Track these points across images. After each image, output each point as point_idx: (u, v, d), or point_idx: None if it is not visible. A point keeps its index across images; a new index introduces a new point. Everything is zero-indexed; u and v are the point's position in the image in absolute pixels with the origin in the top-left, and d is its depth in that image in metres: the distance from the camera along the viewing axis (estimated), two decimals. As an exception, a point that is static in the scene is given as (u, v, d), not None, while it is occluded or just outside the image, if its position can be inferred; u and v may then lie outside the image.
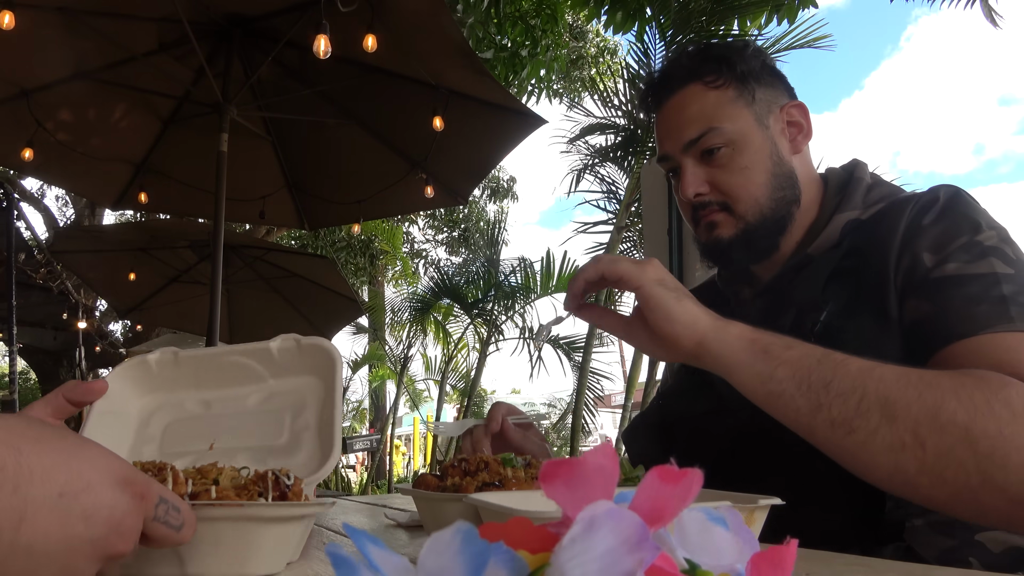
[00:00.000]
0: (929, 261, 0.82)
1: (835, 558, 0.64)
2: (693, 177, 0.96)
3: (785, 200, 0.96)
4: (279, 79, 3.45)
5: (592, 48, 10.24)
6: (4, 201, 5.89)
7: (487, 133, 3.50)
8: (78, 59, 3.16)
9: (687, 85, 0.98)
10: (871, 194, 0.95)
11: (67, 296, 8.04)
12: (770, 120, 0.97)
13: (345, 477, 9.95)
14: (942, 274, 0.80)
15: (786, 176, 0.96)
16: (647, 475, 0.24)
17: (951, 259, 0.80)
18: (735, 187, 0.95)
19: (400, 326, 9.24)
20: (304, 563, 0.71)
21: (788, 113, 0.99)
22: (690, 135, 0.95)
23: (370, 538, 0.24)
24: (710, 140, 0.94)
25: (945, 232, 0.83)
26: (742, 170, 0.94)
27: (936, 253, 0.82)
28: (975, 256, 0.80)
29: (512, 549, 0.23)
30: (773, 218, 0.95)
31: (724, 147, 0.94)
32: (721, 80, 0.96)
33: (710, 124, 0.94)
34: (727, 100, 0.96)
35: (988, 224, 0.84)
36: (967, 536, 0.81)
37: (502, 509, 0.58)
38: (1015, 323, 0.74)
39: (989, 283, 0.77)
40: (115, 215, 9.92)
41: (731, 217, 0.96)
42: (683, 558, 0.24)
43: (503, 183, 13.30)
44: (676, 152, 0.98)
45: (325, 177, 4.11)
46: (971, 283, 0.78)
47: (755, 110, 0.96)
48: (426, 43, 3.04)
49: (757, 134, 0.95)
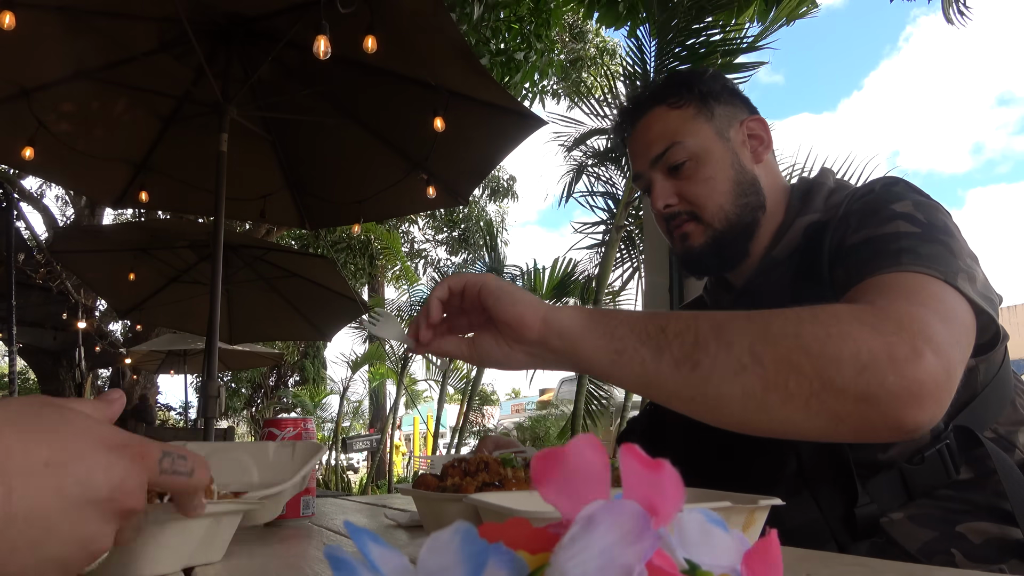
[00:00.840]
0: (849, 239, 0.87)
1: (835, 558, 0.64)
2: (662, 190, 1.04)
3: (750, 206, 1.02)
4: (279, 79, 3.45)
5: (591, 49, 10.25)
6: (4, 201, 5.89)
7: (487, 134, 3.50)
8: (78, 58, 3.16)
9: (653, 108, 1.06)
10: (832, 197, 1.00)
11: (67, 296, 8.04)
12: (730, 133, 1.04)
13: (345, 477, 9.95)
14: (854, 240, 0.86)
15: (749, 183, 1.02)
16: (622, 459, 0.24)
17: (863, 228, 0.86)
18: (701, 196, 1.01)
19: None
20: (304, 563, 0.71)
21: (748, 127, 1.06)
22: (656, 151, 1.04)
23: (371, 536, 0.24)
24: (674, 154, 1.02)
25: (864, 209, 0.89)
26: (706, 180, 1.01)
27: (856, 230, 0.87)
28: (884, 221, 0.85)
29: (511, 549, 0.23)
30: (740, 224, 1.01)
31: (688, 160, 1.02)
32: (682, 101, 1.05)
33: (673, 139, 1.02)
34: (688, 117, 1.04)
35: (908, 198, 0.88)
36: (947, 528, 0.83)
37: (502, 509, 0.58)
38: (901, 265, 0.77)
39: (890, 239, 0.81)
40: (115, 215, 9.93)
41: (700, 225, 1.03)
42: (683, 558, 0.24)
43: (503, 183, 13.31)
44: (646, 169, 1.06)
45: (325, 177, 4.11)
46: (876, 242, 0.82)
47: (715, 124, 1.04)
48: (426, 43, 3.04)
49: (718, 146, 1.03)
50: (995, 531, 0.83)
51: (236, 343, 6.55)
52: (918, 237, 0.80)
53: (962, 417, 0.87)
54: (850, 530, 0.85)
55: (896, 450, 0.87)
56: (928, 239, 0.80)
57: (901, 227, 0.83)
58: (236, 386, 14.83)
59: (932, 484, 0.86)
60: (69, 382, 8.91)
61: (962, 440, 0.86)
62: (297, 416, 1.10)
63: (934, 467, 0.86)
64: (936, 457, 0.86)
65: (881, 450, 0.87)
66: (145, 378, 10.12)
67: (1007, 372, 0.92)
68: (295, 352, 14.04)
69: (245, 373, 13.88)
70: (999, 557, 0.82)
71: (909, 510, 0.85)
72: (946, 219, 0.86)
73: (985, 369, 0.90)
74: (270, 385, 14.28)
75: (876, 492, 0.86)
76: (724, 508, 0.59)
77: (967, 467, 0.87)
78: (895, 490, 0.86)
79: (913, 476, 0.86)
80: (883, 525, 0.85)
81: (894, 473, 0.87)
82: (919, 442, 0.86)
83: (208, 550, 0.66)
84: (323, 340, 10.72)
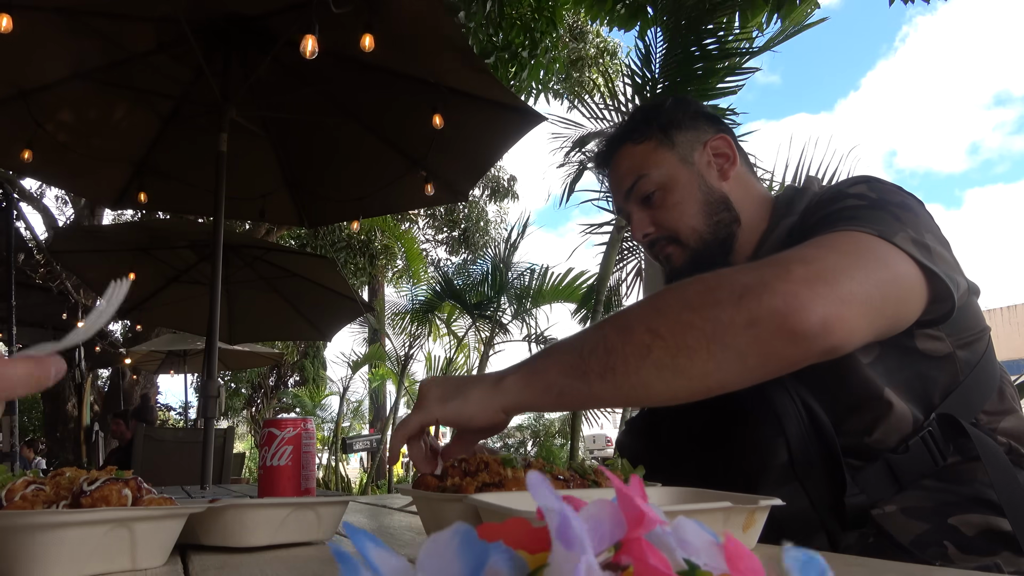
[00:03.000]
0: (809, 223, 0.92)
1: (835, 558, 0.64)
2: (639, 221, 1.11)
3: (723, 222, 1.07)
4: (278, 78, 3.45)
5: (592, 49, 10.25)
6: (4, 201, 5.89)
7: (486, 130, 3.50)
8: (77, 59, 3.16)
9: (620, 147, 1.15)
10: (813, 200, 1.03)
11: (67, 296, 8.03)
12: (694, 157, 1.10)
13: (345, 477, 9.95)
14: (809, 223, 0.91)
15: (718, 202, 1.08)
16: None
17: (819, 210, 0.92)
18: (673, 221, 1.08)
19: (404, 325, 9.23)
20: (304, 563, 0.71)
21: (712, 147, 1.11)
22: (626, 185, 1.12)
23: (370, 537, 0.24)
24: (642, 186, 1.10)
25: (824, 195, 0.95)
26: (675, 206, 1.08)
27: (815, 214, 0.93)
28: (838, 199, 0.90)
29: (511, 549, 0.23)
30: (715, 240, 1.07)
31: (657, 190, 1.09)
32: (643, 136, 1.12)
33: (639, 172, 1.10)
34: (650, 150, 1.11)
35: (868, 184, 0.92)
36: (940, 521, 0.84)
37: (502, 510, 0.58)
38: (834, 227, 0.81)
39: (836, 213, 0.87)
40: (114, 215, 9.93)
41: (679, 247, 1.10)
42: (682, 559, 0.24)
43: (503, 182, 13.30)
44: (622, 203, 1.14)
45: (325, 175, 4.11)
46: (827, 218, 0.87)
47: (677, 152, 1.10)
48: (424, 41, 3.04)
49: (682, 172, 1.09)
50: (986, 523, 0.84)
51: (236, 343, 6.55)
52: (864, 208, 0.85)
53: (945, 405, 0.89)
54: (840, 520, 0.86)
55: (879, 432, 0.88)
56: (874, 208, 0.84)
57: (849, 203, 0.87)
58: (236, 386, 14.83)
59: (920, 472, 0.87)
60: (69, 382, 8.90)
61: (946, 428, 0.88)
62: (297, 416, 1.10)
63: (919, 455, 0.87)
64: (920, 444, 0.87)
65: (866, 433, 0.89)
66: (145, 378, 10.12)
67: (990, 362, 0.94)
68: (295, 352, 14.04)
69: (245, 373, 13.88)
70: (991, 548, 0.82)
71: (902, 502, 0.86)
72: (907, 199, 0.89)
73: (965, 358, 0.92)
74: (270, 385, 14.28)
75: (865, 482, 0.87)
76: (724, 508, 0.59)
77: (954, 456, 0.88)
78: (883, 480, 0.87)
79: (900, 465, 0.87)
80: (876, 517, 0.86)
81: (881, 463, 0.88)
82: (903, 431, 0.88)
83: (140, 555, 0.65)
84: (323, 340, 10.72)
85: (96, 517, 0.62)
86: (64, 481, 0.68)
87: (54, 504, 0.64)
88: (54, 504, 0.64)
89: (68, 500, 0.65)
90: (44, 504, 0.64)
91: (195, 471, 3.19)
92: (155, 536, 0.67)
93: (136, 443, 4.07)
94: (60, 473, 0.69)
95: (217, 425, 3.31)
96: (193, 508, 0.72)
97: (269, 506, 0.80)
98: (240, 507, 0.78)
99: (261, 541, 0.79)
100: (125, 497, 0.65)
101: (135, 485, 0.68)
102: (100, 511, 0.63)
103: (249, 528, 0.78)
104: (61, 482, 0.68)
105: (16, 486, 0.65)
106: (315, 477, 0.99)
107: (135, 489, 0.67)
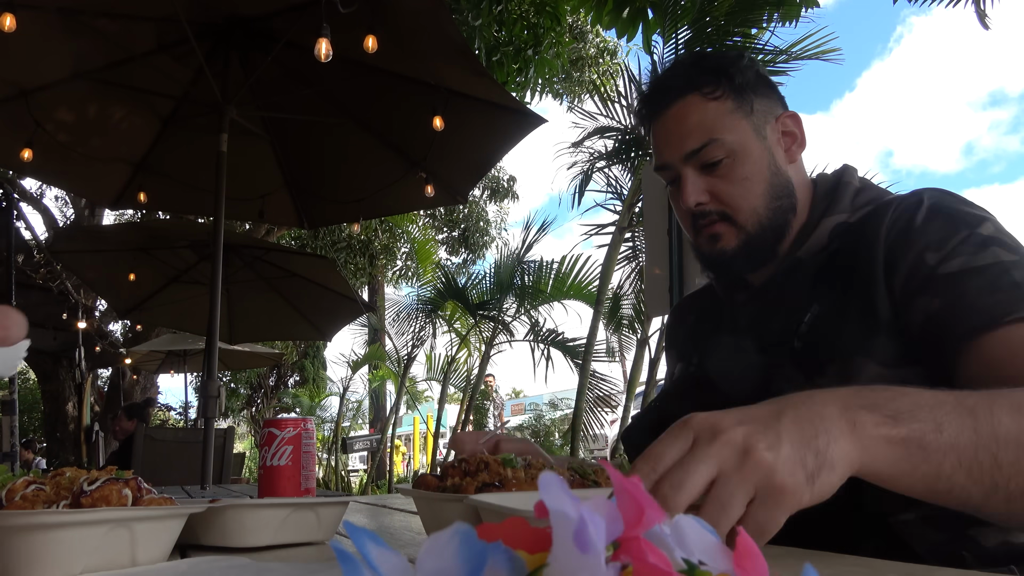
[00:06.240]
0: (932, 259, 0.82)
1: (835, 558, 0.64)
2: (694, 187, 0.97)
3: (782, 209, 0.98)
4: (278, 79, 3.45)
5: (592, 49, 10.24)
6: (4, 201, 5.89)
7: (486, 132, 3.50)
8: (77, 59, 3.16)
9: (685, 96, 0.98)
10: (859, 197, 0.98)
11: (67, 296, 8.04)
12: (767, 131, 0.99)
13: (345, 477, 9.95)
14: (949, 270, 0.81)
15: (783, 185, 0.98)
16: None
17: (955, 254, 0.81)
18: (736, 197, 0.96)
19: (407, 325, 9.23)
20: (304, 564, 0.71)
21: (783, 123, 1.01)
22: (691, 146, 0.96)
23: (370, 536, 0.24)
24: (711, 152, 0.96)
25: (943, 228, 0.84)
26: (742, 181, 0.96)
27: (938, 250, 0.83)
28: (978, 248, 0.81)
29: (511, 549, 0.23)
30: (771, 227, 0.97)
31: (725, 158, 0.96)
32: (719, 91, 0.97)
33: (711, 135, 0.95)
34: (726, 111, 0.97)
35: (982, 216, 0.85)
36: (958, 530, 0.81)
37: (502, 510, 0.58)
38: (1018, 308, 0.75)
39: (998, 272, 0.78)
40: (114, 215, 9.93)
41: (732, 227, 0.97)
42: (681, 558, 0.24)
43: (503, 183, 13.29)
44: (676, 162, 0.98)
45: (325, 176, 4.11)
46: (981, 274, 0.79)
47: (753, 121, 0.98)
48: (426, 43, 3.04)
49: (756, 145, 0.97)
50: (1008, 536, 0.81)
51: (236, 343, 6.54)
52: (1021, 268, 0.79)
53: None
54: (855, 529, 0.84)
55: None
56: None
57: (1001, 256, 0.79)
58: (236, 386, 14.82)
59: None
60: (69, 382, 8.91)
61: None
62: (297, 416, 1.10)
63: None
64: None
65: None
66: (145, 378, 10.12)
67: None
68: (295, 352, 14.03)
69: (245, 373, 13.87)
70: (1011, 561, 0.80)
71: (920, 510, 0.83)
72: (1010, 234, 0.85)
73: None
74: (270, 385, 14.27)
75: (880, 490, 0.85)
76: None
77: None
78: None
79: None
80: (893, 526, 0.83)
81: None
82: None
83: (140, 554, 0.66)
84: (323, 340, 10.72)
85: (96, 517, 0.62)
86: (64, 481, 0.68)
87: (54, 504, 0.64)
88: (54, 504, 0.64)
89: (68, 500, 0.65)
90: (44, 504, 0.64)
91: (195, 471, 3.18)
92: (155, 536, 0.67)
93: (136, 443, 4.07)
94: (60, 473, 0.69)
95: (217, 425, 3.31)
96: (193, 508, 0.72)
97: (269, 506, 0.80)
98: (240, 507, 0.78)
99: (261, 541, 0.79)
100: (125, 497, 0.65)
101: (135, 485, 0.68)
102: (100, 511, 0.63)
103: (249, 528, 0.78)
104: (61, 482, 0.68)
105: (16, 486, 0.65)
106: (315, 477, 0.99)
107: (135, 489, 0.67)
